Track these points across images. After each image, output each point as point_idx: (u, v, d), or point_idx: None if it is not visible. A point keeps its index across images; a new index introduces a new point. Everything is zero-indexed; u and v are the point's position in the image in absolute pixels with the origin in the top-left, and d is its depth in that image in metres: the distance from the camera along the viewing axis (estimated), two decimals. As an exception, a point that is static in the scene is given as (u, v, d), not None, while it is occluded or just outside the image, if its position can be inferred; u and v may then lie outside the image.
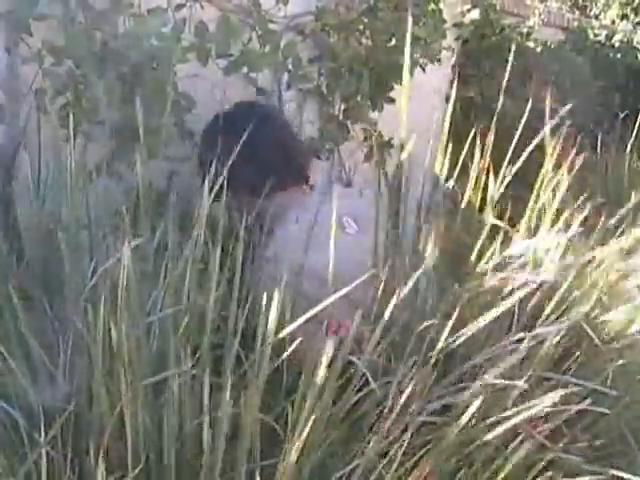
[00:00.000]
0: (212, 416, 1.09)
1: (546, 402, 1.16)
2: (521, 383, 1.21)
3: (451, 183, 1.53)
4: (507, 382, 1.22)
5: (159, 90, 1.68)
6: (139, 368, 1.14)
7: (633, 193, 1.63)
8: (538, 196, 1.54)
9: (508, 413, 1.18)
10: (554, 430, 1.25)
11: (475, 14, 3.12)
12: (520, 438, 1.19)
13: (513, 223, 1.54)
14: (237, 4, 2.07)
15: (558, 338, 1.33)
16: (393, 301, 1.19)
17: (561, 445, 1.27)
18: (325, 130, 2.39)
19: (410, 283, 1.23)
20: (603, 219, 1.57)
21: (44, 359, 1.23)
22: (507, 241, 1.50)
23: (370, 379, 1.15)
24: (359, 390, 1.18)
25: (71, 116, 1.44)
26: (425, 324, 1.26)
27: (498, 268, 1.43)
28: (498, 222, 1.49)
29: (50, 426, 1.08)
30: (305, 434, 1.04)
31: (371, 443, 1.13)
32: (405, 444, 1.13)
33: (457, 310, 1.28)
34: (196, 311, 1.21)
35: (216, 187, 1.25)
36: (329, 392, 1.11)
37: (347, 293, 1.11)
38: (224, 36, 1.97)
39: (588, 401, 1.25)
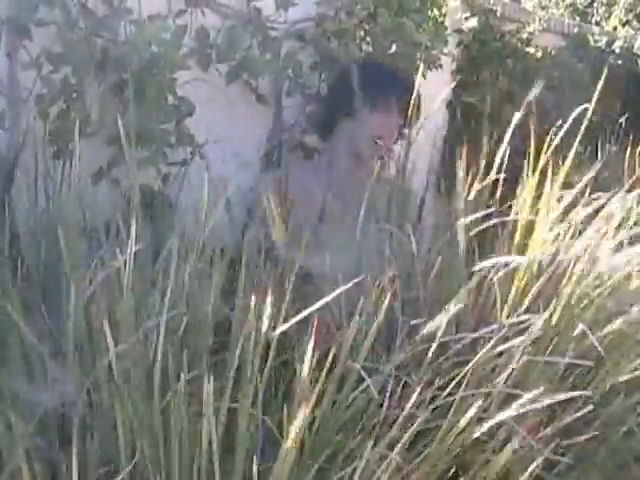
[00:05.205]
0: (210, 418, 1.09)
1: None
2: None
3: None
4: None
5: (159, 96, 1.69)
6: (137, 373, 1.14)
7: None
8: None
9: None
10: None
11: (476, 20, 3.12)
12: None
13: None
14: (237, 10, 2.07)
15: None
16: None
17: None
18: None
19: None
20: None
21: (42, 364, 1.23)
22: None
23: (365, 377, 1.14)
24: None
25: (66, 124, 1.44)
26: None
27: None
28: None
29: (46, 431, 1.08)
30: (301, 436, 1.03)
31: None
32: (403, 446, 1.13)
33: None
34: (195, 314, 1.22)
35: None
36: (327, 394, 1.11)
37: None
38: (225, 42, 1.98)
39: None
